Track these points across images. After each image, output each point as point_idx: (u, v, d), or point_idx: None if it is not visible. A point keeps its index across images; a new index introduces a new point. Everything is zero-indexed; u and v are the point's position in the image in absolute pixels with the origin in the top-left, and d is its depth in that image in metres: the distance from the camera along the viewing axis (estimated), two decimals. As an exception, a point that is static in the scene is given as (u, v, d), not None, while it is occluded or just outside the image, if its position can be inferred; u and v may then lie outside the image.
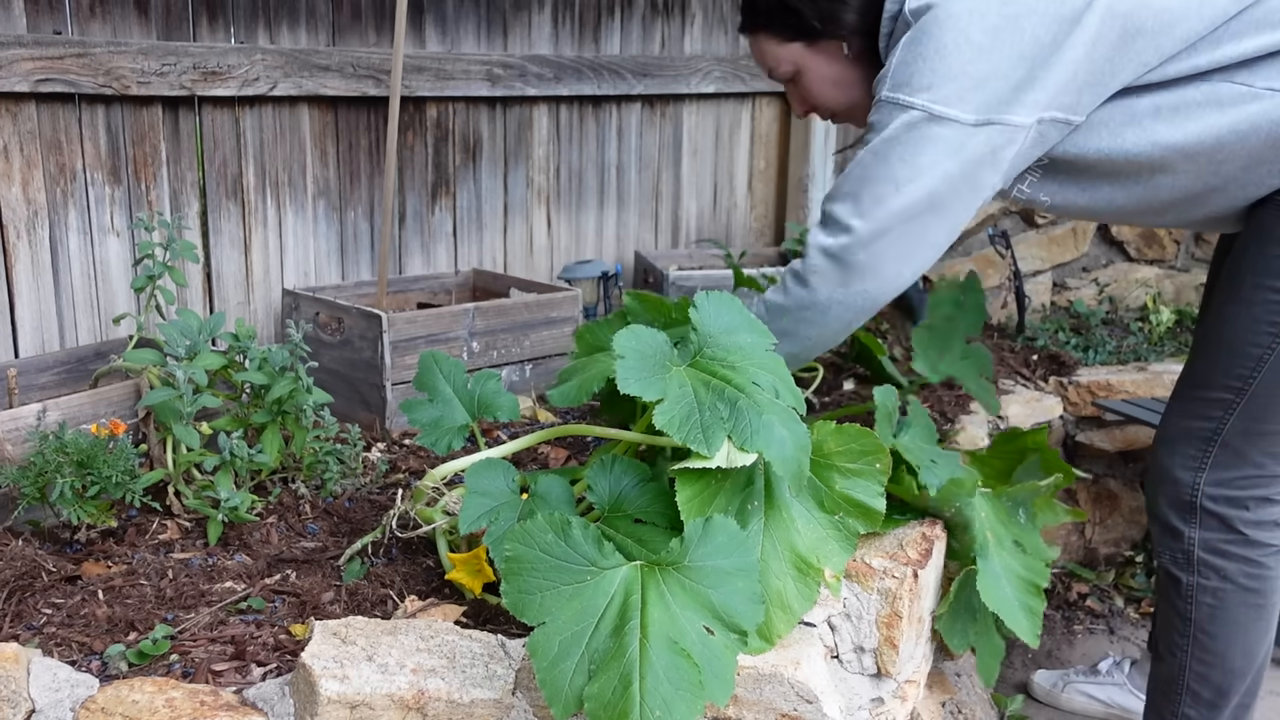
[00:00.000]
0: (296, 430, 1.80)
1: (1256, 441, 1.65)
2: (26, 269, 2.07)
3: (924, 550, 1.58)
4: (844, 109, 1.75)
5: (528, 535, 1.18)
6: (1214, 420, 1.66)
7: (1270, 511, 1.69)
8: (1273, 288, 1.57)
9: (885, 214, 1.51)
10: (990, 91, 1.47)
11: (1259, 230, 1.60)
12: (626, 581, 1.18)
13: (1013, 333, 3.15)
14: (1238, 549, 1.70)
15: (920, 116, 1.48)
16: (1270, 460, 1.66)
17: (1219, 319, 1.65)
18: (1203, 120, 1.50)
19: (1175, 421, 1.74)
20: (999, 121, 1.48)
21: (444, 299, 2.65)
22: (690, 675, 1.12)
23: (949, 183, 1.49)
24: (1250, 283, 1.60)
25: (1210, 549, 1.71)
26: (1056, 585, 2.83)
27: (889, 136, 1.49)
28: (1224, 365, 1.64)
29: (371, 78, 2.42)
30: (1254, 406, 1.62)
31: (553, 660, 1.12)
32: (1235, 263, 1.64)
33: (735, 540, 1.23)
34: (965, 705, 2.09)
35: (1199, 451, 1.69)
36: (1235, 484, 1.68)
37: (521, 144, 2.82)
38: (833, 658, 1.46)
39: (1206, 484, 1.69)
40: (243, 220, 2.35)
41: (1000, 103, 1.47)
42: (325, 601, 1.46)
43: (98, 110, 2.11)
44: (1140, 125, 1.53)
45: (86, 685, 1.21)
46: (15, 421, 1.65)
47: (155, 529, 1.66)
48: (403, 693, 1.17)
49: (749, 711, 1.25)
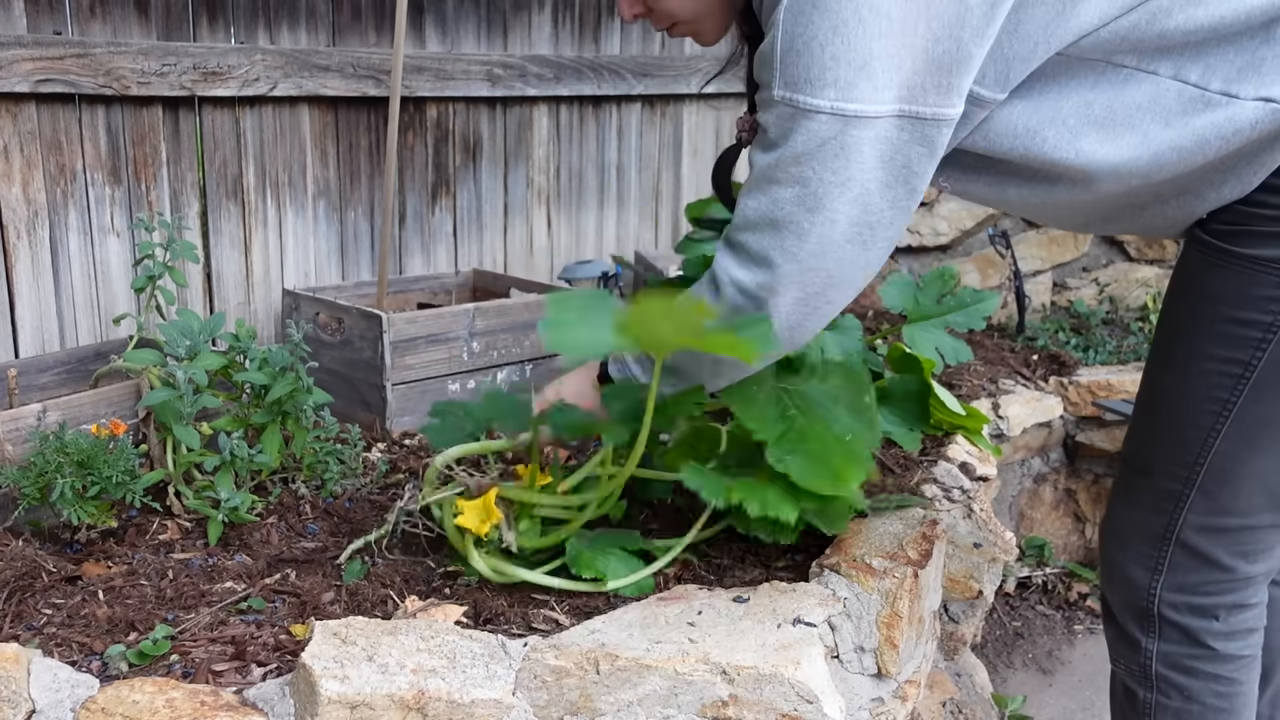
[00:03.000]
0: (297, 430, 1.80)
1: (1217, 539, 1.33)
2: (26, 269, 2.07)
3: (924, 550, 1.58)
4: (691, 18, 1.37)
5: None
6: (1164, 514, 1.35)
7: (1245, 618, 1.38)
8: (1209, 354, 1.26)
9: (814, 244, 1.22)
10: (913, 74, 1.14)
11: (1190, 281, 1.30)
12: None
13: (1013, 333, 3.16)
14: (1205, 665, 1.39)
15: (831, 122, 1.15)
16: (1239, 561, 1.34)
17: (1154, 389, 1.37)
18: (1141, 132, 1.19)
19: (1121, 512, 1.43)
20: (929, 116, 1.17)
21: (444, 299, 2.65)
22: None
23: (881, 192, 1.20)
24: (1185, 348, 1.30)
25: (1171, 664, 1.40)
26: (1057, 585, 2.83)
27: (800, 153, 1.18)
28: (1167, 451, 1.34)
29: (372, 78, 2.42)
30: (1206, 499, 1.31)
31: None
32: (1167, 317, 1.35)
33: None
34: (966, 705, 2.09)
35: (1151, 549, 1.37)
36: (1201, 590, 1.36)
37: (522, 144, 2.82)
38: (833, 658, 1.46)
39: (1165, 589, 1.37)
40: (243, 220, 2.35)
41: (924, 88, 1.15)
42: (325, 601, 1.46)
43: (98, 110, 2.11)
44: (1065, 124, 1.20)
45: (87, 685, 1.21)
46: (15, 422, 1.65)
47: (155, 529, 1.66)
48: (403, 693, 1.17)
49: (749, 711, 1.25)
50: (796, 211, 1.21)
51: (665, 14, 1.37)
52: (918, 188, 1.22)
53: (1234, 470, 1.29)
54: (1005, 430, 2.58)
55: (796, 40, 1.15)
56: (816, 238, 1.21)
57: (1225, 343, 1.25)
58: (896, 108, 1.15)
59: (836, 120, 1.15)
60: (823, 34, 1.13)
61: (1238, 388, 1.25)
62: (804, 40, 1.14)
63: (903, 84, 1.14)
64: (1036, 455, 2.88)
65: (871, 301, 3.23)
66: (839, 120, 1.15)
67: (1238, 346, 1.24)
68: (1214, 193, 1.23)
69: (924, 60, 1.14)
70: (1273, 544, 1.35)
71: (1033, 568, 2.81)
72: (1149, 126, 1.18)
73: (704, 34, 1.40)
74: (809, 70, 1.14)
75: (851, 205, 1.20)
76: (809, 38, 1.14)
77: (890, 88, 1.14)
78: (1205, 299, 1.27)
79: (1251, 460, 1.28)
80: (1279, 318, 1.21)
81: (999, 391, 2.68)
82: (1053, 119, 1.21)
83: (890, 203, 1.21)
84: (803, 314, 1.28)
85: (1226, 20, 1.14)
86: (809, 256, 1.23)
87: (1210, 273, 1.26)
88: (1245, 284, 1.22)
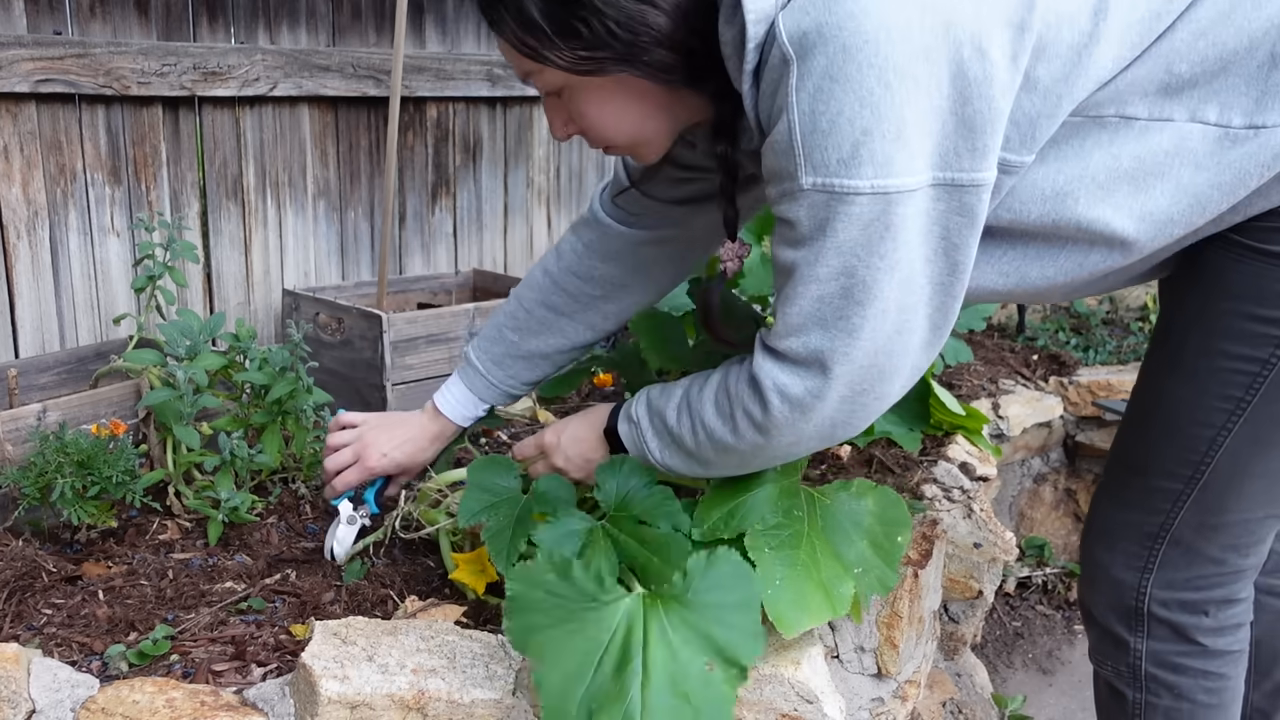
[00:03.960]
0: (297, 430, 1.80)
1: (1214, 535, 1.31)
2: (27, 269, 2.07)
3: (924, 550, 1.58)
4: (628, 143, 1.24)
5: (528, 575, 1.18)
6: (1159, 514, 1.32)
7: (1234, 613, 1.37)
8: (1225, 352, 1.22)
9: (867, 340, 1.11)
10: (944, 139, 1.05)
11: (1205, 276, 1.24)
12: (629, 616, 1.17)
13: (1013, 333, 3.16)
14: (1195, 662, 1.38)
15: (873, 203, 1.04)
16: (1233, 554, 1.33)
17: (1154, 387, 1.33)
18: (1174, 179, 1.12)
19: (1110, 512, 1.40)
20: (966, 183, 1.06)
21: (444, 299, 2.65)
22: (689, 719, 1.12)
23: (925, 269, 1.10)
24: (1195, 345, 1.25)
25: (1161, 663, 1.39)
26: (1057, 585, 2.83)
27: (843, 242, 1.07)
28: (1167, 450, 1.30)
29: (372, 78, 2.42)
30: (1208, 497, 1.29)
31: (558, 696, 1.12)
32: (1170, 318, 1.31)
33: (739, 573, 1.21)
34: (966, 705, 2.09)
35: (1143, 549, 1.35)
36: (1191, 585, 1.34)
37: (522, 144, 2.82)
38: (833, 658, 1.46)
39: (1155, 586, 1.35)
40: (243, 220, 2.35)
41: (960, 152, 1.05)
42: (325, 601, 1.46)
43: (98, 110, 2.11)
44: (1095, 181, 1.13)
45: (87, 685, 1.21)
46: (15, 422, 1.65)
47: (155, 529, 1.66)
48: (403, 693, 1.17)
49: (749, 711, 1.25)
50: (846, 306, 1.10)
51: (599, 138, 1.24)
52: (960, 262, 1.11)
53: (1242, 469, 1.26)
54: (1005, 430, 2.58)
55: (820, 120, 1.03)
56: (870, 332, 1.11)
57: (1244, 340, 1.21)
58: (932, 175, 1.05)
59: (879, 200, 1.04)
60: (850, 108, 1.01)
61: (1254, 386, 1.22)
62: (829, 118, 1.02)
63: (935, 150, 1.04)
64: (1036, 455, 2.88)
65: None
66: (881, 200, 1.04)
67: (1258, 344, 1.20)
68: (1240, 217, 1.19)
69: (954, 122, 1.04)
70: (1265, 535, 1.34)
71: (1033, 568, 2.81)
72: (1180, 171, 1.12)
73: (643, 155, 1.28)
74: (840, 149, 1.03)
75: (899, 289, 1.09)
76: (835, 114, 1.02)
77: (925, 155, 1.04)
78: (1224, 296, 1.22)
79: (1260, 459, 1.26)
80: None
81: (999, 391, 2.68)
82: (1080, 177, 1.13)
83: (930, 279, 1.11)
84: (849, 412, 1.18)
85: (1230, 47, 1.09)
86: (862, 354, 1.12)
87: (1230, 269, 1.21)
88: (1270, 280, 1.18)
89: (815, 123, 1.03)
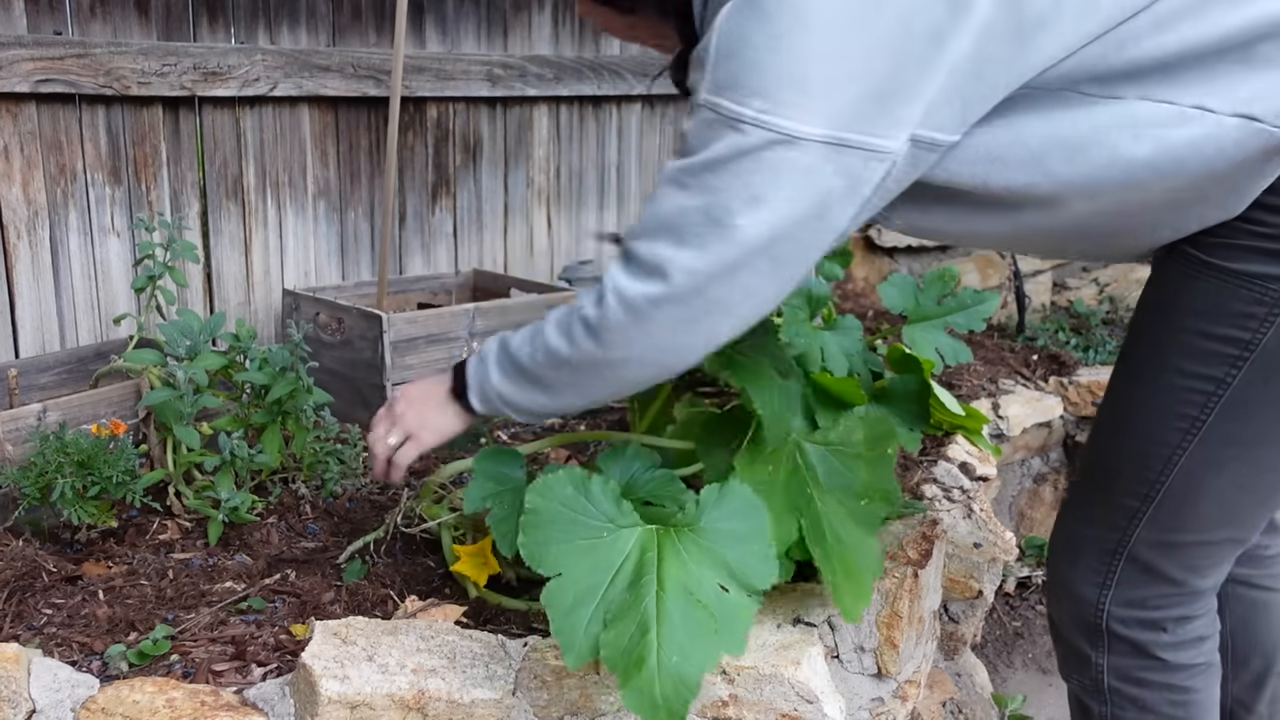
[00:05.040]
0: (297, 430, 1.80)
1: (1170, 555, 1.31)
2: (27, 269, 2.07)
3: (924, 550, 1.58)
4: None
5: (548, 488, 1.20)
6: (1117, 531, 1.32)
7: (1192, 628, 1.36)
8: (1181, 370, 1.21)
9: (712, 262, 1.11)
10: (845, 100, 1.06)
11: (1166, 292, 1.24)
12: (643, 540, 1.19)
13: (1013, 333, 3.16)
14: (1156, 676, 1.37)
15: (755, 135, 1.07)
16: (1190, 575, 1.33)
17: (1118, 403, 1.33)
18: (1110, 147, 1.12)
19: (1073, 526, 1.40)
20: (857, 145, 1.07)
21: (444, 299, 2.65)
22: (706, 624, 1.13)
23: (794, 222, 1.10)
24: (1154, 362, 1.25)
25: (1124, 677, 1.39)
26: (1057, 585, 2.83)
27: (714, 159, 1.09)
28: (1125, 468, 1.30)
29: (372, 78, 2.42)
30: (1163, 515, 1.29)
31: (568, 609, 1.13)
32: (1135, 331, 1.29)
33: (750, 504, 1.24)
34: (966, 705, 2.09)
35: (1102, 565, 1.35)
36: (1149, 604, 1.34)
37: (522, 144, 2.82)
38: (833, 658, 1.46)
39: (1113, 604, 1.35)
40: (243, 220, 2.35)
41: (858, 117, 1.06)
42: (325, 601, 1.46)
43: (98, 111, 2.11)
44: (1027, 146, 1.14)
45: (87, 685, 1.21)
46: (15, 421, 1.65)
47: (156, 529, 1.66)
48: (403, 693, 1.17)
49: (749, 711, 1.25)
50: (702, 226, 1.11)
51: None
52: (827, 230, 1.12)
53: (1196, 489, 1.26)
54: (1005, 430, 2.58)
55: (732, 42, 1.07)
56: (717, 258, 1.11)
57: (1200, 359, 1.20)
58: (824, 132, 1.06)
59: (759, 132, 1.07)
60: (759, 40, 1.06)
61: (1209, 405, 1.21)
62: (739, 45, 1.07)
63: (835, 109, 1.06)
64: (1036, 455, 2.88)
65: (872, 302, 3.23)
66: (761, 133, 1.07)
67: (1213, 363, 1.19)
68: (1195, 222, 1.18)
69: (860, 87, 1.06)
70: (1224, 558, 1.34)
71: (1033, 568, 2.81)
72: (1118, 141, 1.11)
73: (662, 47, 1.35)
74: (738, 76, 1.07)
75: (758, 228, 1.10)
76: (744, 43, 1.06)
77: (824, 110, 1.06)
78: (1182, 312, 1.21)
79: (1214, 479, 1.25)
80: (1257, 335, 1.16)
81: (999, 391, 2.68)
82: (1014, 142, 1.13)
83: (798, 238, 1.12)
84: (676, 337, 1.18)
85: (1195, 46, 1.08)
86: (703, 277, 1.12)
87: (1189, 285, 1.21)
88: (1226, 298, 1.17)
89: (728, 44, 1.08)
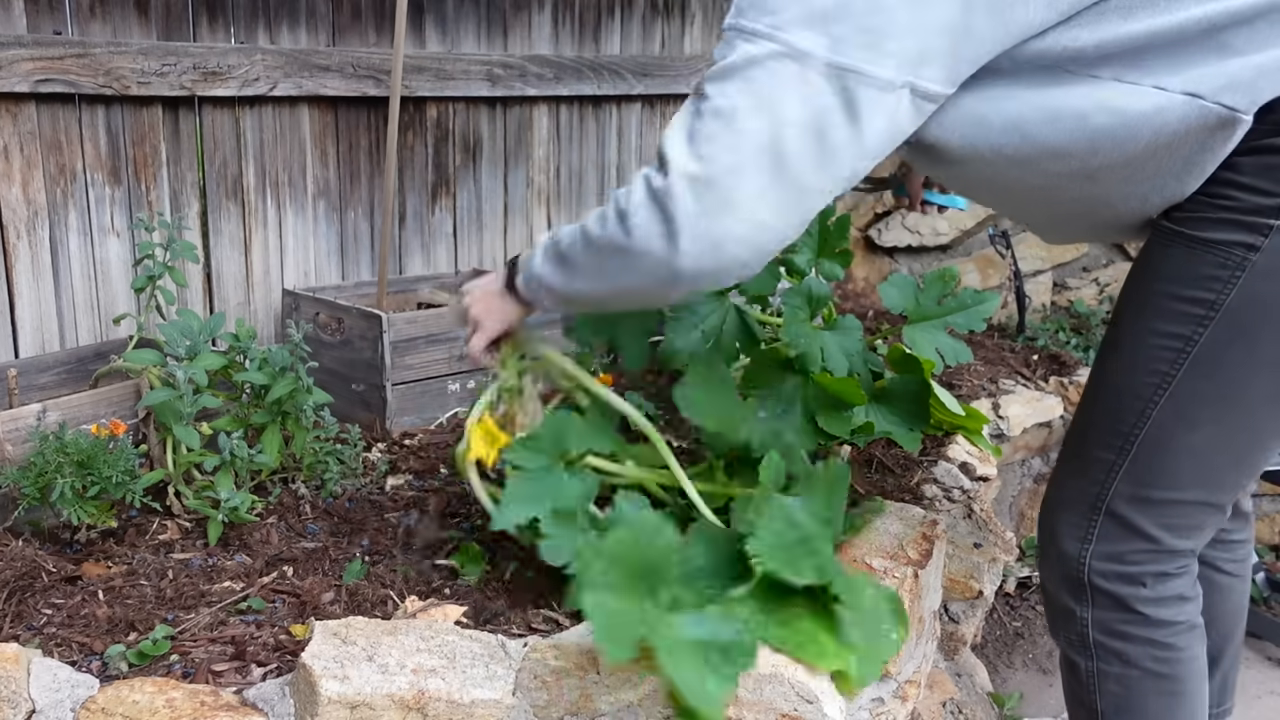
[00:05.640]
0: (297, 430, 1.80)
1: (1146, 511, 1.38)
2: (27, 269, 2.07)
3: (924, 550, 1.58)
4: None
5: None
6: (1096, 484, 1.40)
7: (1172, 585, 1.42)
8: (1154, 329, 1.32)
9: (719, 156, 1.21)
10: (844, 25, 1.19)
11: (1140, 265, 1.37)
12: None
13: (1013, 333, 3.16)
14: (1139, 630, 1.43)
15: (765, 46, 1.20)
16: (1166, 533, 1.39)
17: (1100, 366, 1.43)
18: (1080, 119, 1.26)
19: (1061, 481, 1.48)
20: (854, 68, 1.19)
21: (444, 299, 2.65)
22: None
23: (795, 133, 1.20)
24: (1130, 324, 1.36)
25: (1107, 631, 1.44)
26: (1057, 585, 2.83)
27: (728, 66, 1.22)
28: (1103, 422, 1.39)
29: (372, 78, 2.42)
30: (1138, 469, 1.36)
31: None
32: (1119, 298, 1.42)
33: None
34: (966, 705, 2.09)
35: (1083, 520, 1.42)
36: (1127, 559, 1.41)
37: (522, 144, 2.82)
38: (833, 658, 1.46)
39: (1094, 558, 1.42)
40: (243, 220, 2.35)
41: (855, 44, 1.19)
42: (325, 601, 1.46)
43: (98, 110, 2.11)
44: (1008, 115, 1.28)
45: (87, 685, 1.21)
46: (15, 422, 1.65)
47: (155, 529, 1.66)
48: (403, 693, 1.17)
49: (749, 711, 1.25)
50: (709, 123, 1.23)
51: None
52: (827, 153, 1.22)
53: (1167, 443, 1.35)
54: (1005, 430, 2.58)
55: None
56: (718, 153, 1.22)
57: (1170, 318, 1.32)
58: (826, 56, 1.19)
59: (766, 43, 1.20)
60: None
61: (1178, 361, 1.31)
62: None
63: (836, 33, 1.19)
64: (1037, 455, 2.88)
65: (872, 302, 3.23)
66: (768, 44, 1.20)
67: (1182, 322, 1.31)
68: (1157, 195, 1.30)
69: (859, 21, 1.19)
70: (1200, 522, 1.41)
71: (1033, 568, 2.80)
72: (1086, 111, 1.24)
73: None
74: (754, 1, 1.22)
75: (761, 133, 1.21)
76: None
77: (824, 35, 1.19)
78: (1155, 278, 1.34)
79: (1185, 434, 1.34)
80: (1221, 295, 1.27)
81: (999, 391, 2.68)
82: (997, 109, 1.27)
83: (799, 152, 1.21)
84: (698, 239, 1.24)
85: (1158, 33, 1.21)
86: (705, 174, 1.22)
87: (1161, 253, 1.33)
88: (1194, 263, 1.29)
89: None
